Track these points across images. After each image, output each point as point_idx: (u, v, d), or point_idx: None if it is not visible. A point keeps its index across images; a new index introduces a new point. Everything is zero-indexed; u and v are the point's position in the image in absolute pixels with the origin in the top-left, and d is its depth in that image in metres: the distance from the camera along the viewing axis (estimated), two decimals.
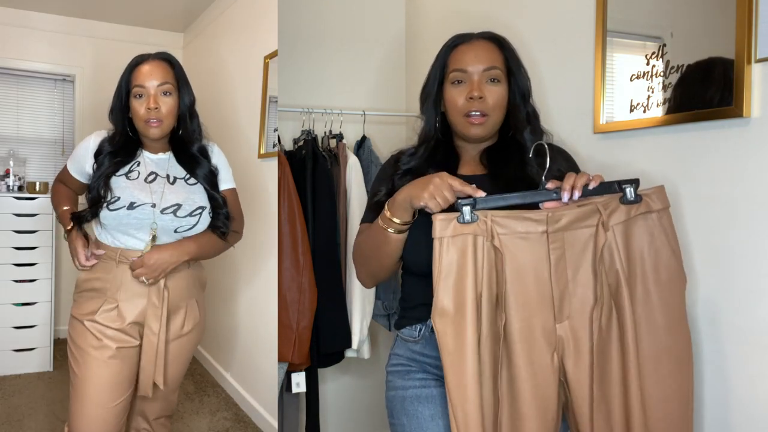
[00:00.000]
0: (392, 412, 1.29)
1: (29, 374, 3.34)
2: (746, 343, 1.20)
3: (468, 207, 1.07)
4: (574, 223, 1.10)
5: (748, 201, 1.18)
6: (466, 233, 1.08)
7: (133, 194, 1.51)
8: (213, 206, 1.60)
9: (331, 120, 2.32)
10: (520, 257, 1.09)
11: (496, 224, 1.08)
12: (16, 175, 3.59)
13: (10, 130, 3.93)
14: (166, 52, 1.61)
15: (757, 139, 1.16)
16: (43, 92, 4.03)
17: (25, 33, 3.87)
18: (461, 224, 1.08)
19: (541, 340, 1.10)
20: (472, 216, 1.08)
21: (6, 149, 3.78)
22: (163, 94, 1.53)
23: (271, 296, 2.52)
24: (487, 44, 1.26)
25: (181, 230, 1.54)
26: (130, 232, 1.52)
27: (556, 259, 1.10)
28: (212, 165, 1.64)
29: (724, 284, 1.24)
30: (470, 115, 1.22)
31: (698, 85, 1.26)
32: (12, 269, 3.36)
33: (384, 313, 2.29)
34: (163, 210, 1.52)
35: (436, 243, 1.08)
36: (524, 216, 1.09)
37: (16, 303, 3.37)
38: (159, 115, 1.52)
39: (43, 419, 2.72)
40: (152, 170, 1.59)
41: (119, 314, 1.51)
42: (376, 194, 1.29)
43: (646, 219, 1.11)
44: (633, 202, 1.10)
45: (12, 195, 3.44)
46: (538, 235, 1.09)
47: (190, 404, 2.96)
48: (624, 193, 1.10)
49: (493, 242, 1.08)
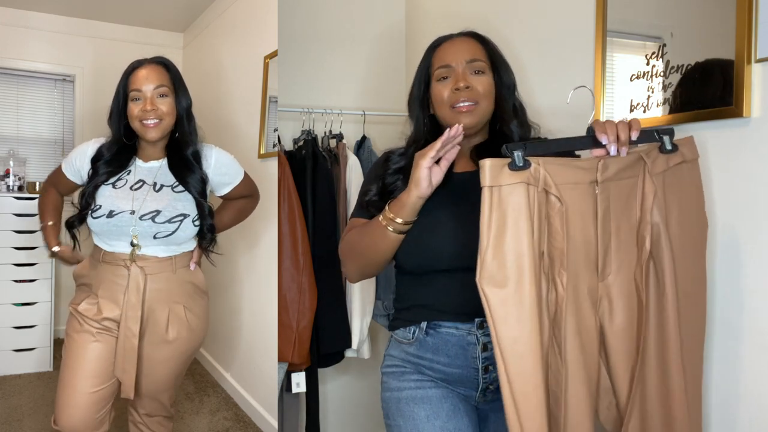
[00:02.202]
0: (388, 413, 1.29)
1: (29, 374, 3.34)
2: (747, 342, 1.20)
3: (519, 152, 0.95)
4: (621, 171, 1.03)
5: (748, 201, 1.18)
6: (521, 181, 0.96)
7: (114, 203, 1.56)
8: (200, 214, 1.62)
9: (331, 120, 2.32)
10: (571, 209, 1.00)
11: (548, 172, 0.97)
12: (16, 175, 3.59)
13: (10, 130, 3.93)
14: (162, 57, 1.65)
15: (757, 139, 1.16)
16: (43, 92, 4.03)
17: (25, 33, 3.87)
18: (513, 171, 0.96)
19: (588, 300, 1.04)
20: (525, 162, 0.96)
21: (6, 149, 3.77)
22: (159, 97, 1.56)
23: (271, 296, 2.52)
24: (468, 39, 1.27)
25: (160, 236, 1.56)
26: (113, 238, 1.58)
27: (603, 211, 1.03)
28: (203, 173, 1.65)
29: (725, 284, 1.24)
30: (458, 105, 1.21)
31: (698, 85, 1.26)
32: (12, 269, 3.36)
33: (384, 313, 2.29)
34: (141, 216, 1.55)
35: (486, 192, 0.95)
36: (575, 164, 1.01)
37: (16, 303, 3.37)
38: (156, 115, 1.55)
39: (43, 419, 2.72)
40: (140, 178, 1.62)
41: (99, 309, 1.58)
42: (367, 193, 1.29)
43: (681, 169, 1.09)
44: (671, 151, 1.07)
45: (12, 195, 3.43)
46: (586, 185, 1.01)
47: (190, 404, 2.96)
48: (663, 142, 1.07)
49: (550, 191, 0.98)
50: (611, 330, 1.06)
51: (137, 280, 1.56)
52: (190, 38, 4.08)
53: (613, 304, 1.05)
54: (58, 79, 4.05)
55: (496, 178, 0.95)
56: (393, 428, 1.26)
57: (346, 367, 2.53)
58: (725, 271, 1.24)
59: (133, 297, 1.55)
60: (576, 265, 1.01)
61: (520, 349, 0.96)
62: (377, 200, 1.25)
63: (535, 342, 0.96)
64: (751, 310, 1.19)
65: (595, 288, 1.05)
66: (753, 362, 1.19)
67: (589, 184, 1.01)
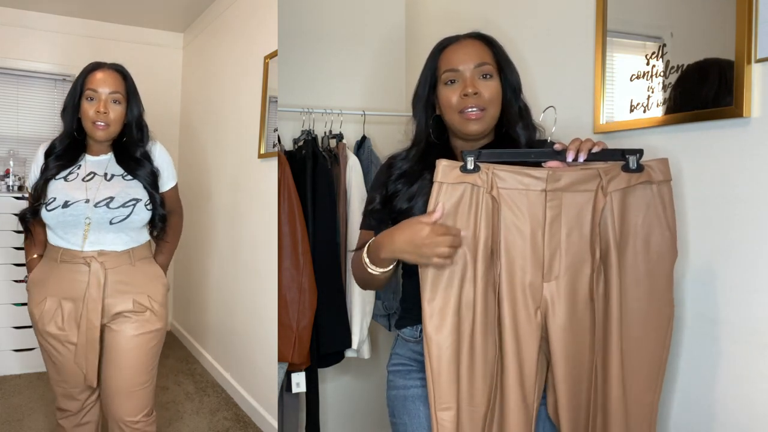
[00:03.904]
0: (393, 411, 1.30)
1: (29, 374, 3.34)
2: (746, 342, 1.20)
3: (472, 157, 1.10)
4: (573, 185, 1.11)
5: (748, 201, 1.18)
6: (467, 182, 1.10)
7: (68, 194, 1.62)
8: (151, 202, 1.69)
9: (331, 120, 2.32)
10: (516, 211, 1.11)
11: (497, 177, 1.10)
12: (16, 175, 3.59)
13: (10, 130, 3.93)
14: (120, 65, 1.74)
15: (757, 139, 1.16)
16: (43, 92, 4.03)
17: (25, 33, 3.87)
18: (463, 173, 1.10)
19: (527, 295, 1.12)
20: (475, 166, 1.10)
21: (6, 149, 3.77)
22: (113, 102, 1.65)
23: (271, 296, 2.52)
24: (475, 42, 1.27)
25: (116, 221, 1.62)
26: (68, 230, 1.62)
27: (551, 218, 1.11)
28: (154, 167, 1.73)
29: (725, 284, 1.24)
30: (466, 111, 1.22)
31: (698, 85, 1.26)
32: (12, 269, 3.36)
33: (384, 313, 2.29)
34: (96, 204, 1.61)
35: (436, 186, 1.11)
36: (525, 172, 1.11)
37: (16, 303, 3.37)
38: (107, 119, 1.64)
39: (43, 419, 2.72)
40: (91, 170, 1.69)
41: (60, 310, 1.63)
42: (372, 202, 1.32)
43: (645, 189, 1.12)
44: (635, 170, 1.11)
45: (12, 195, 3.44)
46: (537, 192, 1.11)
47: (190, 404, 2.96)
48: (627, 161, 1.11)
49: (491, 193, 1.10)
50: (552, 329, 1.12)
51: (98, 276, 1.61)
52: (190, 38, 4.08)
53: (555, 305, 1.12)
54: (58, 79, 4.05)
55: (446, 176, 1.10)
56: (399, 426, 1.28)
57: (346, 367, 2.53)
58: (725, 271, 1.24)
59: (94, 291, 1.60)
60: (523, 261, 1.12)
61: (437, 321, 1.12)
62: (380, 209, 1.29)
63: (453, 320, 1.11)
64: (752, 309, 1.19)
65: (539, 286, 1.12)
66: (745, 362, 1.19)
67: (541, 191, 1.11)
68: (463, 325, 1.12)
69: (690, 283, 1.30)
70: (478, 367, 1.13)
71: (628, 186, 1.11)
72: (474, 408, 1.13)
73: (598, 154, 1.11)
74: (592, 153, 1.11)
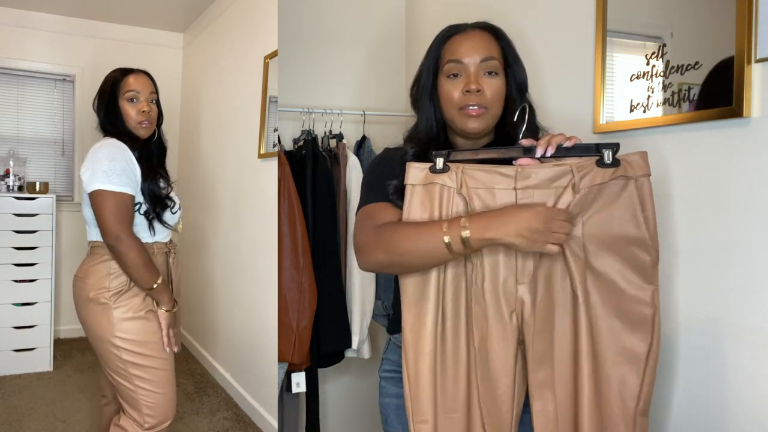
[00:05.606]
0: (387, 419, 1.28)
1: (29, 374, 3.34)
2: (745, 342, 1.20)
3: (441, 158, 1.10)
4: (544, 181, 1.07)
5: (748, 201, 1.18)
6: (436, 182, 1.10)
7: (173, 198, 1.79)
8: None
9: (331, 120, 2.32)
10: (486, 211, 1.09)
11: (466, 176, 1.09)
12: (16, 175, 3.59)
13: (10, 130, 3.93)
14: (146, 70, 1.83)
15: (757, 139, 1.16)
16: (43, 92, 4.04)
17: (25, 33, 3.87)
18: (432, 173, 1.10)
19: (500, 298, 1.09)
20: (444, 166, 1.09)
21: (6, 149, 3.78)
22: (151, 102, 1.77)
23: (271, 296, 2.52)
24: (483, 34, 1.21)
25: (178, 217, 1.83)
26: (164, 229, 1.76)
27: None
28: None
29: (724, 284, 1.24)
30: (467, 108, 1.16)
31: (698, 85, 1.26)
32: (12, 269, 3.36)
33: (384, 313, 2.29)
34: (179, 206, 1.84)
35: (408, 189, 1.11)
36: (496, 170, 1.08)
37: (16, 303, 3.37)
38: (150, 117, 1.74)
39: (43, 419, 2.73)
40: None
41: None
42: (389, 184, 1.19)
43: (621, 185, 1.07)
44: (610, 165, 1.05)
45: (12, 195, 3.44)
46: (507, 191, 1.08)
47: (190, 404, 2.96)
48: (601, 156, 1.05)
49: (461, 192, 1.08)
50: (528, 332, 1.10)
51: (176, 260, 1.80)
52: (190, 38, 4.08)
53: (530, 307, 1.10)
54: (58, 79, 4.05)
55: (416, 178, 1.11)
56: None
57: (346, 367, 2.53)
58: (725, 271, 1.24)
59: (175, 277, 1.79)
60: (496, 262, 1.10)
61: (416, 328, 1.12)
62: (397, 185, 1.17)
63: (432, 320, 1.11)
64: (751, 309, 1.19)
65: (513, 288, 1.10)
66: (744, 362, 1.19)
67: (511, 189, 1.08)
68: (438, 329, 1.10)
69: (690, 283, 1.30)
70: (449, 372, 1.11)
71: (603, 182, 1.05)
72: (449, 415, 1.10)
73: (571, 149, 1.07)
74: (564, 148, 1.06)
